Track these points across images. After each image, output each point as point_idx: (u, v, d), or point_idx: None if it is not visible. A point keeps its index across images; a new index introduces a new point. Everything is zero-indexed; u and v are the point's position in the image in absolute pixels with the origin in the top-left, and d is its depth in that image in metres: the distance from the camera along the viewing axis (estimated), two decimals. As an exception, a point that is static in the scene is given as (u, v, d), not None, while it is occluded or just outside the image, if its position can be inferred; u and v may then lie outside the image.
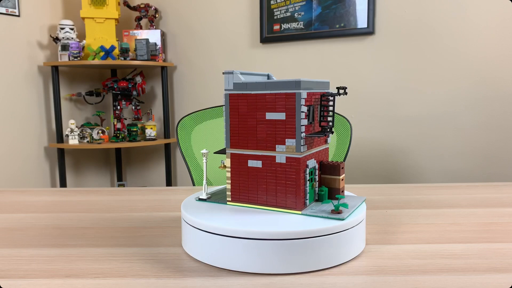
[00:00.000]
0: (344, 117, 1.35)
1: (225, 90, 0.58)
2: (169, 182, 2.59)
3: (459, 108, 2.00)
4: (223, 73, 0.57)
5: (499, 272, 0.49)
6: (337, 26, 2.16)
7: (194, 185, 1.30)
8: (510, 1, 1.83)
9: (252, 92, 0.56)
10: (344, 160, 1.32)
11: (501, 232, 0.64)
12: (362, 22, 2.10)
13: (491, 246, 0.58)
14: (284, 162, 0.55)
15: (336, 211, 0.54)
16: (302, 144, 0.54)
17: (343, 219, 0.52)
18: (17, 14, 2.25)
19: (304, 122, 0.54)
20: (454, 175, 2.04)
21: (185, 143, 1.33)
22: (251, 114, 0.57)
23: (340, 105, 2.24)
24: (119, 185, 2.79)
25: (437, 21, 1.99)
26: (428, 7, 2.00)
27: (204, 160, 0.61)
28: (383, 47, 2.11)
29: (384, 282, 0.47)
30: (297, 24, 2.25)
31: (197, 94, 2.62)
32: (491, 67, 1.92)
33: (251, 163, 0.58)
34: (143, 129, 2.57)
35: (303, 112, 0.54)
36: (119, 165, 2.82)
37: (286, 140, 0.55)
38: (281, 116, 0.55)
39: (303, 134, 0.54)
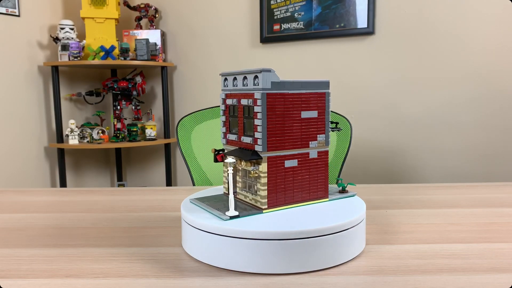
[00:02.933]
0: (344, 117, 1.35)
1: (262, 89, 0.55)
2: (169, 182, 2.59)
3: (459, 108, 2.00)
4: (261, 71, 0.54)
5: (499, 272, 0.49)
6: (337, 26, 2.16)
7: (194, 185, 1.30)
8: (510, 1, 1.83)
9: (290, 92, 0.57)
10: (344, 160, 1.32)
11: (501, 232, 0.64)
12: (362, 22, 2.10)
13: (491, 246, 0.58)
14: (316, 156, 0.60)
15: (344, 190, 0.64)
16: (329, 138, 0.61)
17: (354, 195, 0.64)
18: (17, 14, 2.25)
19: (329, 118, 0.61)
20: (454, 175, 2.04)
21: (185, 143, 1.33)
22: (288, 113, 0.57)
23: (340, 105, 2.24)
24: (119, 185, 2.79)
25: (437, 21, 1.99)
26: (428, 7, 2.00)
27: (230, 171, 0.53)
28: (383, 47, 2.11)
29: (384, 282, 0.47)
30: (297, 24, 2.25)
31: (197, 94, 2.62)
32: (491, 67, 1.92)
33: (288, 163, 0.57)
34: (143, 129, 2.57)
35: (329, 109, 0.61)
36: (119, 165, 2.82)
37: (318, 136, 0.60)
38: (314, 114, 0.59)
39: (330, 129, 0.61)
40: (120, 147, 2.56)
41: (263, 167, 0.55)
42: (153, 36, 2.52)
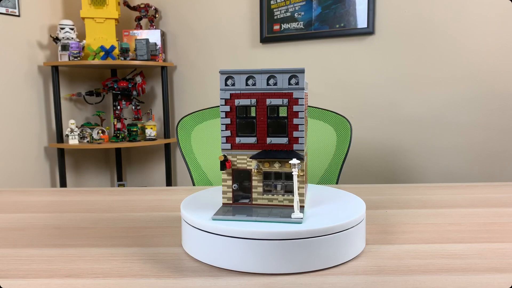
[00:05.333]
0: (344, 117, 1.35)
1: (302, 88, 0.56)
2: (169, 182, 2.59)
3: (459, 108, 2.00)
4: (303, 72, 0.55)
5: (499, 272, 0.49)
6: (337, 26, 2.16)
7: (194, 185, 1.30)
8: (510, 1, 1.83)
9: (305, 91, 0.59)
10: (344, 160, 1.32)
11: (501, 232, 0.64)
12: (362, 22, 2.10)
13: (491, 246, 0.58)
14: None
15: None
16: None
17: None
18: (17, 14, 2.25)
19: None
20: (454, 175, 2.04)
21: (185, 143, 1.33)
22: (305, 112, 0.60)
23: (340, 105, 2.24)
24: (119, 185, 2.79)
25: (437, 21, 1.99)
26: (428, 7, 2.00)
27: (295, 172, 0.53)
28: (383, 47, 2.11)
29: (384, 282, 0.47)
30: (297, 24, 2.25)
31: (197, 94, 2.62)
32: (491, 67, 1.92)
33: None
34: (143, 129, 2.57)
35: None
36: (119, 165, 2.82)
37: None
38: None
39: None
40: (120, 147, 2.56)
41: (303, 165, 0.57)
42: (153, 36, 2.52)
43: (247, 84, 0.57)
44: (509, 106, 1.91)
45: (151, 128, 2.48)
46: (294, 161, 0.53)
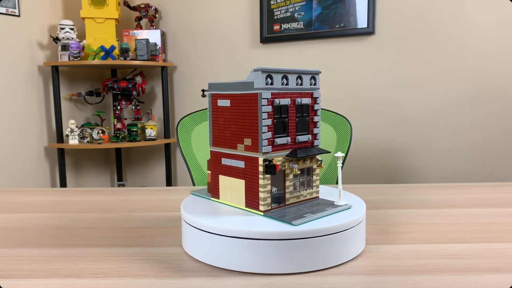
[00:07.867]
0: (344, 117, 1.35)
1: (319, 89, 0.58)
2: (169, 182, 2.59)
3: (459, 108, 2.00)
4: (319, 73, 0.59)
5: (499, 272, 0.49)
6: (337, 26, 2.16)
7: (194, 185, 1.30)
8: (510, 1, 1.83)
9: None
10: (344, 160, 1.32)
11: (501, 232, 0.64)
12: (362, 22, 2.10)
13: (491, 246, 0.58)
14: None
15: None
16: None
17: None
18: (17, 14, 2.25)
19: None
20: (454, 175, 2.04)
21: (185, 143, 1.33)
22: None
23: (340, 105, 2.24)
24: (119, 185, 2.79)
25: (437, 21, 1.99)
26: (428, 7, 2.00)
27: (339, 164, 0.56)
28: (383, 47, 2.11)
29: (384, 282, 0.47)
30: (297, 24, 2.25)
31: (197, 94, 2.62)
32: (491, 67, 1.92)
33: None
34: (143, 129, 2.57)
35: None
36: (119, 165, 2.82)
37: None
38: None
39: None
40: (120, 147, 2.56)
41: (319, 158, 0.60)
42: (153, 36, 2.52)
43: (282, 84, 0.55)
44: (509, 107, 1.91)
45: (151, 128, 2.48)
46: (339, 154, 0.56)
